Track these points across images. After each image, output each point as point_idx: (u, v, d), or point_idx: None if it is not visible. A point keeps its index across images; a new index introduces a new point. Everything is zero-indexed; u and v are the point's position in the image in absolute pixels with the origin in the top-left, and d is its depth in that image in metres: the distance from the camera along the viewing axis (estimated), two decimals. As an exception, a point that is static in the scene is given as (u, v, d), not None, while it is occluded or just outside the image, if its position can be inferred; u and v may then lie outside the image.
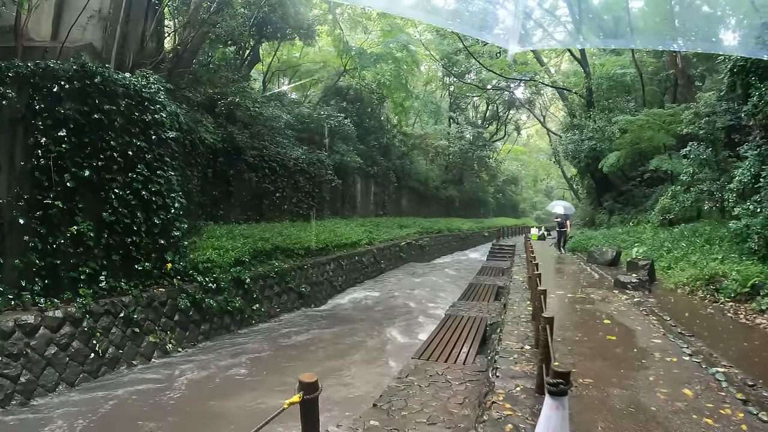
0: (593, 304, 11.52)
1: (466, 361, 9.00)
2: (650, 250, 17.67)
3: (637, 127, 23.29)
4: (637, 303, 11.50)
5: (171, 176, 12.95)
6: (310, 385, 3.82)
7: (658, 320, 9.80)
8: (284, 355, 12.21)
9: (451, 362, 8.94)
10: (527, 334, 8.63)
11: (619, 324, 9.52)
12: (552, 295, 12.33)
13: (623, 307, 11.13)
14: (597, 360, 7.21)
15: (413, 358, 9.19)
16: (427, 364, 8.85)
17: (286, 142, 24.53)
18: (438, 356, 9.22)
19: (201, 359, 11.66)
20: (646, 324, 9.49)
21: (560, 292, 12.94)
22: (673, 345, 8.03)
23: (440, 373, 8.36)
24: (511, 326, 9.19)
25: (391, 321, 15.67)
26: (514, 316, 10.09)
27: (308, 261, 18.69)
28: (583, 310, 10.79)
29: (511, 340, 8.18)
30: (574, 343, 8.11)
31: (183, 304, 12.51)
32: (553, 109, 59.71)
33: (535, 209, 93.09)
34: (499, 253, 30.99)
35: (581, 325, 9.47)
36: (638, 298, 12.03)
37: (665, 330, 8.99)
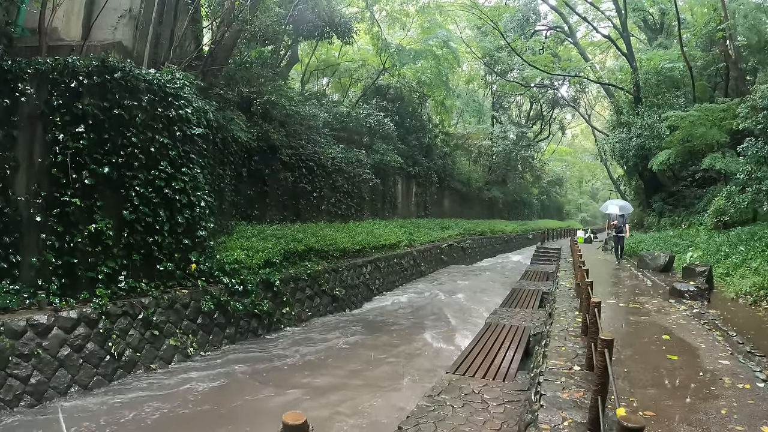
0: (648, 315, 10.40)
1: (506, 377, 8.13)
2: (705, 255, 16.50)
3: (689, 123, 22.01)
4: (696, 315, 10.36)
5: (197, 174, 12.52)
6: (296, 428, 3.01)
7: (723, 336, 8.66)
8: (309, 365, 11.56)
9: (489, 378, 8.09)
10: (576, 351, 7.66)
11: (680, 340, 8.43)
12: (603, 305, 11.42)
13: (682, 319, 9.99)
14: (658, 387, 6.21)
15: (447, 372, 8.39)
16: (463, 380, 8.02)
17: (324, 141, 24.06)
18: (475, 371, 8.37)
19: (220, 365, 11.20)
20: (710, 341, 8.36)
21: (611, 301, 11.91)
22: (744, 368, 6.94)
23: (476, 391, 7.53)
24: (557, 341, 8.21)
25: (428, 328, 14.93)
26: (560, 329, 9.06)
27: (343, 263, 18.12)
28: (637, 323, 9.75)
29: (557, 359, 7.21)
30: (630, 363, 7.13)
31: (207, 306, 12.08)
32: (599, 107, 58.43)
33: (580, 211, 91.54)
34: (544, 257, 29.90)
35: (637, 341, 8.46)
36: (697, 309, 10.86)
37: (732, 348, 7.89)
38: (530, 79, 42.45)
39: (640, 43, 39.54)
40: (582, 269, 10.21)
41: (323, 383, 10.29)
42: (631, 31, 36.01)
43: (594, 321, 5.62)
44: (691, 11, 33.94)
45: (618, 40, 34.25)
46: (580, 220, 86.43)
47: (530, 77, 41.33)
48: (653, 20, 37.67)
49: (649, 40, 37.72)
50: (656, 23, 37.45)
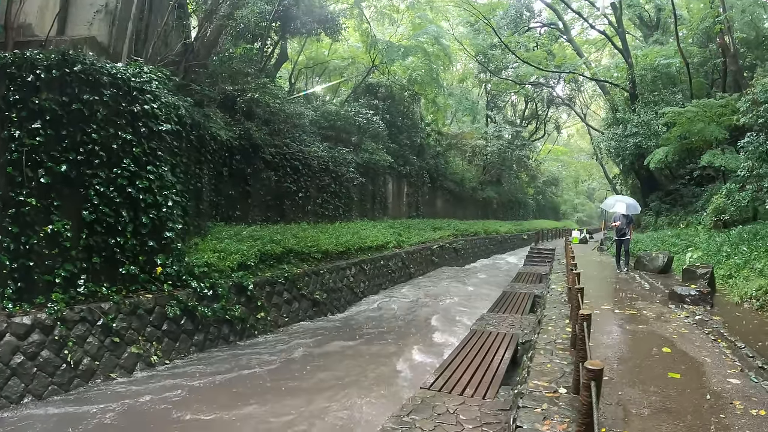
0: (647, 323, 9.53)
1: (487, 393, 7.21)
2: (706, 255, 15.69)
3: (686, 119, 21.27)
4: (699, 322, 9.50)
5: (164, 172, 11.91)
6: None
7: (730, 348, 7.78)
8: (275, 376, 10.74)
9: (468, 394, 7.17)
10: (563, 368, 6.78)
11: (682, 354, 7.54)
12: (596, 311, 10.45)
13: (684, 328, 9.12)
14: (657, 415, 5.28)
15: (422, 388, 7.46)
16: (438, 396, 7.11)
17: (310, 140, 23.36)
18: (453, 386, 7.45)
19: (183, 375, 10.49)
20: (716, 354, 7.49)
21: (606, 307, 11.01)
22: (757, 388, 6.02)
23: (452, 410, 6.61)
24: (542, 356, 7.34)
25: (413, 334, 14.11)
26: (547, 341, 8.20)
27: (325, 265, 17.33)
28: (635, 333, 8.87)
29: (540, 379, 6.32)
30: (626, 384, 6.22)
31: (172, 312, 11.39)
32: (595, 107, 57.82)
33: (577, 211, 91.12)
34: (538, 258, 28.92)
35: (634, 355, 7.59)
36: (700, 315, 9.97)
37: (741, 363, 7.01)
38: (525, 77, 41.79)
39: (636, 41, 38.97)
40: (573, 273, 9.32)
41: (288, 397, 9.58)
42: (627, 28, 35.41)
43: (582, 338, 4.72)
44: (688, 7, 33.34)
45: (614, 38, 33.67)
46: (576, 220, 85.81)
47: (524, 75, 40.68)
48: (649, 17, 37.16)
49: (645, 37, 37.13)
50: (652, 20, 36.93)
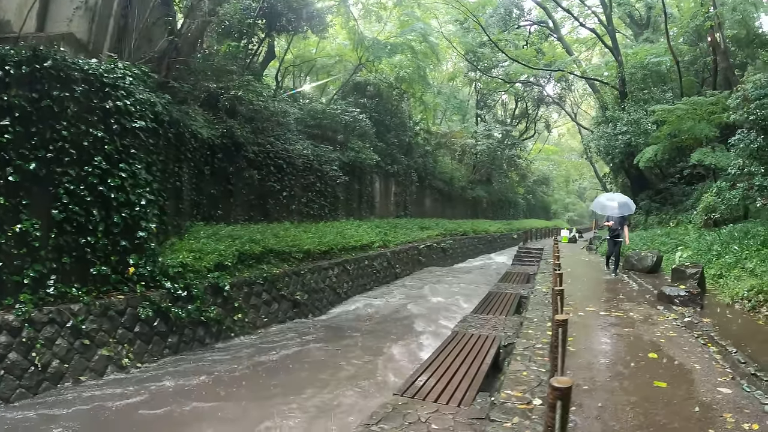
0: (633, 326, 9.19)
1: (463, 400, 6.71)
2: (696, 254, 15.39)
3: (676, 117, 21.03)
4: (688, 325, 9.16)
5: (137, 170, 11.60)
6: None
7: (721, 353, 7.42)
8: (247, 379, 10.39)
9: (443, 401, 6.69)
10: (539, 377, 6.37)
11: (670, 359, 7.18)
12: (581, 313, 10.22)
13: (672, 331, 8.78)
14: (643, 429, 4.96)
15: (395, 394, 6.98)
16: (411, 404, 6.61)
17: (295, 138, 22.97)
18: (428, 392, 6.96)
19: (154, 378, 10.16)
20: (705, 359, 7.15)
21: (591, 309, 10.74)
22: (749, 399, 5.65)
23: (424, 419, 6.10)
24: (519, 362, 6.98)
25: (394, 336, 13.68)
26: (526, 346, 7.83)
27: (306, 265, 16.95)
28: (620, 337, 8.51)
29: (515, 389, 5.93)
30: (607, 393, 5.87)
31: (144, 313, 11.05)
32: (585, 106, 57.74)
33: (568, 211, 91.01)
34: (526, 257, 28.50)
35: (618, 361, 7.23)
36: (689, 317, 9.62)
37: (733, 370, 6.69)
38: (514, 76, 41.59)
39: (626, 39, 38.86)
40: (556, 273, 8.93)
41: (254, 402, 9.25)
42: (617, 27, 35.29)
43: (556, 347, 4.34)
44: (678, 6, 33.24)
45: (604, 36, 33.54)
46: (567, 220, 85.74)
47: (514, 74, 40.47)
48: (639, 15, 37.09)
49: (635, 36, 37.05)
50: (642, 18, 36.87)
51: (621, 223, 15.84)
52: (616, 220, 15.85)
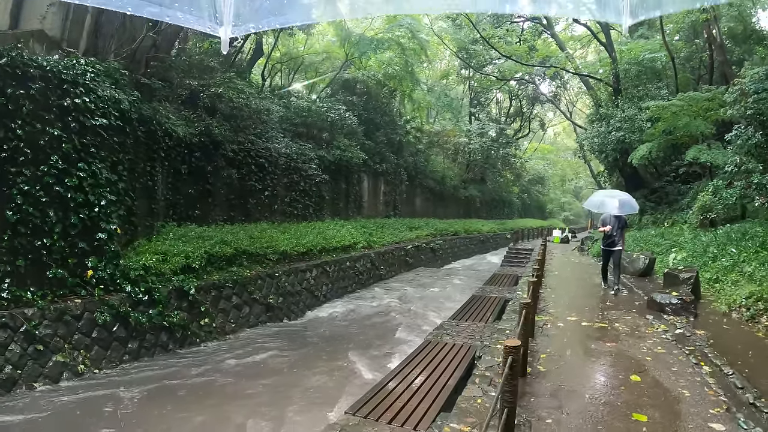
0: (617, 340, 8.29)
1: (421, 422, 5.95)
2: (690, 256, 14.67)
3: (671, 114, 20.40)
4: (680, 338, 8.27)
5: (98, 169, 11.16)
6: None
7: (715, 375, 6.53)
8: (203, 387, 9.88)
9: (398, 423, 5.90)
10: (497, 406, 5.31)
11: (655, 383, 6.27)
12: (560, 324, 9.41)
13: (661, 346, 7.89)
14: None
15: (347, 412, 6.25)
16: (363, 425, 5.87)
17: (280, 137, 22.39)
18: (383, 412, 6.21)
19: (108, 385, 9.74)
20: (697, 384, 6.23)
21: (572, 318, 9.94)
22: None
23: None
24: (476, 386, 6.06)
25: (368, 342, 13.05)
26: (489, 364, 6.89)
27: (281, 267, 16.30)
28: (600, 354, 7.57)
29: (462, 420, 5.01)
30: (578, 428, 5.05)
31: (102, 318, 10.54)
32: (581, 104, 57.16)
33: (563, 210, 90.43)
34: (516, 258, 27.76)
35: (594, 384, 6.34)
36: (681, 329, 8.71)
37: (728, 397, 5.78)
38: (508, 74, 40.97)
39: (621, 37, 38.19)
40: (531, 281, 8.13)
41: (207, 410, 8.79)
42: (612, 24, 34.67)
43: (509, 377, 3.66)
44: (674, 1, 32.48)
45: (599, 33, 32.95)
46: (563, 219, 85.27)
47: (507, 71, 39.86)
48: (634, 11, 36.34)
49: (631, 32, 36.37)
50: (637, 14, 36.12)
51: (620, 226, 12.96)
52: (613, 224, 12.91)
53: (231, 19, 2.81)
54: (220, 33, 2.82)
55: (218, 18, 2.83)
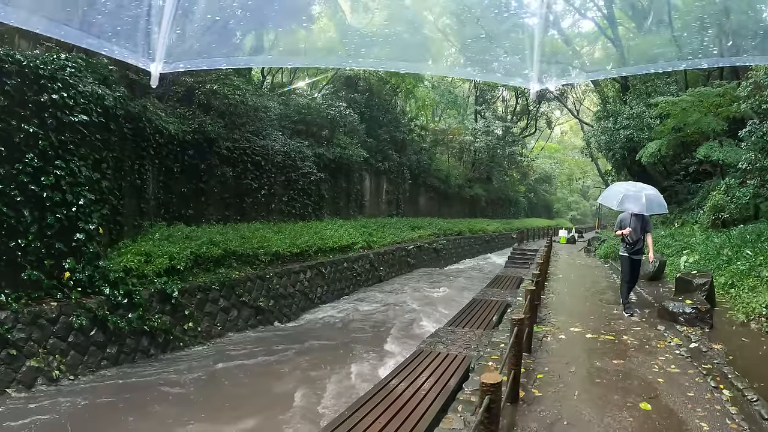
0: (625, 356, 7.37)
1: None
2: (703, 259, 13.77)
3: (681, 110, 19.65)
4: (695, 354, 7.38)
5: (77, 167, 10.74)
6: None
7: (736, 402, 5.65)
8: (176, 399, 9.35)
9: None
10: None
11: (668, 413, 5.38)
12: (562, 336, 8.57)
13: (674, 364, 7.01)
14: None
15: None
16: None
17: (278, 134, 21.89)
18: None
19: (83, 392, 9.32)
20: (717, 413, 5.37)
21: (576, 330, 9.09)
22: None
23: None
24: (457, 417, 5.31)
25: (360, 348, 12.36)
26: (475, 388, 5.95)
27: (273, 269, 15.72)
28: (606, 373, 6.65)
29: None
30: None
31: (78, 322, 10.06)
32: (588, 102, 56.29)
33: (570, 210, 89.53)
34: (520, 259, 26.90)
35: (597, 415, 5.37)
36: (696, 343, 7.81)
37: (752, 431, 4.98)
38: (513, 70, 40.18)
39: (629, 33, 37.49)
40: (529, 290, 7.28)
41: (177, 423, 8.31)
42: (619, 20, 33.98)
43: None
44: (684, 0, 31.80)
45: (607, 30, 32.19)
46: (570, 219, 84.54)
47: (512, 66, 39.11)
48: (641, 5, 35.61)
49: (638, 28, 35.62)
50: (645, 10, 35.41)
51: (642, 228, 10.29)
52: (635, 225, 10.21)
53: (163, 56, 2.97)
54: (151, 68, 2.98)
55: (151, 54, 2.99)
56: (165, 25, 2.92)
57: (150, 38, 2.97)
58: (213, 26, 3.13)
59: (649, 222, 10.58)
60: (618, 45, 23.53)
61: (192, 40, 3.18)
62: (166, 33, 2.95)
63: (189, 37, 3.17)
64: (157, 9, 2.93)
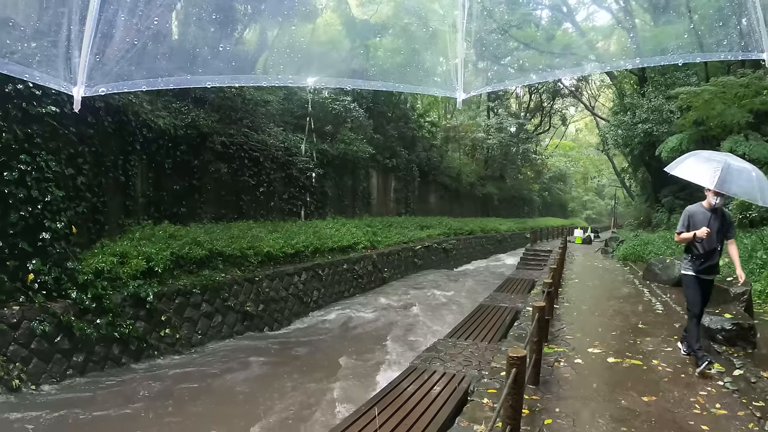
0: (657, 390, 5.84)
1: None
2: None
3: (703, 101, 18.45)
4: (742, 387, 5.85)
5: (44, 161, 9.93)
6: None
7: None
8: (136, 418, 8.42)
9: None
10: None
11: None
12: (578, 360, 7.08)
13: (719, 402, 5.46)
14: None
15: None
16: None
17: (280, 129, 21.12)
18: None
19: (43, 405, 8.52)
20: None
21: (595, 351, 7.53)
22: None
23: None
24: None
25: (353, 360, 11.25)
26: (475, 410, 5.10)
27: (264, 271, 14.75)
28: (634, 419, 5.09)
29: None
30: None
31: (41, 328, 9.23)
32: (603, 99, 55.10)
33: (585, 209, 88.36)
34: (533, 261, 25.66)
35: None
36: (741, 369, 6.29)
37: None
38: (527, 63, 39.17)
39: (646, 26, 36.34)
40: (536, 306, 5.64)
41: None
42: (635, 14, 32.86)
43: None
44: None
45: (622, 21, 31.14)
46: (585, 218, 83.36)
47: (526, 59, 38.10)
48: (660, 0, 34.49)
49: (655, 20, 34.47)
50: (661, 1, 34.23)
51: (726, 233, 6.73)
52: (716, 225, 6.57)
53: (84, 80, 2.96)
54: (74, 92, 2.97)
55: (72, 78, 2.98)
56: (85, 50, 2.90)
57: (71, 62, 2.97)
58: (131, 49, 3.11)
59: (733, 223, 7.11)
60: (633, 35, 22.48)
61: (112, 63, 3.12)
62: (86, 57, 2.93)
63: (108, 60, 3.10)
64: (76, 34, 2.93)
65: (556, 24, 36.13)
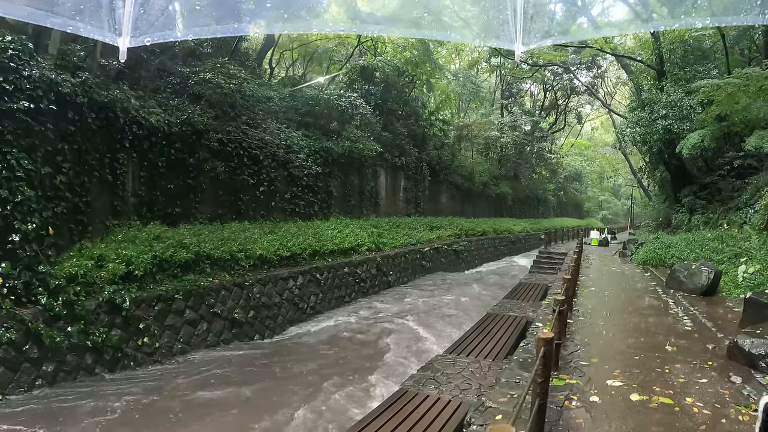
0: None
1: None
2: (766, 269, 11.30)
3: (726, 95, 17.36)
4: None
5: (16, 159, 9.52)
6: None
7: None
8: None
9: None
10: None
11: None
12: (594, 397, 5.90)
13: None
14: None
15: None
16: None
17: (284, 127, 20.48)
18: None
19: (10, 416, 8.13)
20: None
21: (614, 383, 6.34)
22: None
23: None
24: None
25: (337, 380, 10.15)
26: None
27: (255, 275, 14.00)
28: None
29: None
30: None
31: (8, 335, 8.75)
32: (619, 96, 54.00)
33: (602, 209, 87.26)
34: (547, 264, 24.38)
35: None
36: None
37: None
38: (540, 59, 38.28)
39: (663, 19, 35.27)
40: (542, 338, 4.16)
41: None
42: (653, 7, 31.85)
43: None
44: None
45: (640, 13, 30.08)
46: (600, 218, 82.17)
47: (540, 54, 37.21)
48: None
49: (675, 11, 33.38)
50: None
51: None
52: None
53: (129, 30, 2.99)
54: (119, 43, 3.00)
55: (117, 29, 3.02)
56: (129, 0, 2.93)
57: (115, 14, 3.01)
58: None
59: None
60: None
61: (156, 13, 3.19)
62: (130, 7, 2.96)
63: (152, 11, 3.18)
64: (120, -16, 2.93)
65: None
